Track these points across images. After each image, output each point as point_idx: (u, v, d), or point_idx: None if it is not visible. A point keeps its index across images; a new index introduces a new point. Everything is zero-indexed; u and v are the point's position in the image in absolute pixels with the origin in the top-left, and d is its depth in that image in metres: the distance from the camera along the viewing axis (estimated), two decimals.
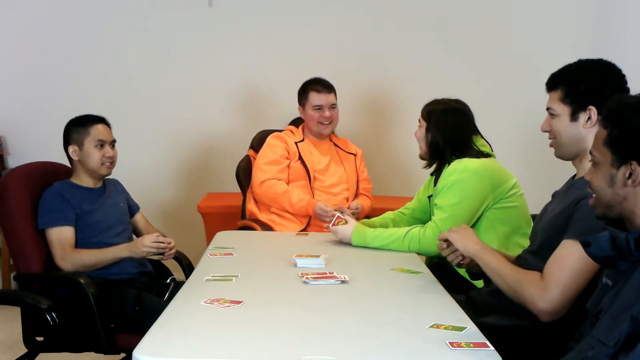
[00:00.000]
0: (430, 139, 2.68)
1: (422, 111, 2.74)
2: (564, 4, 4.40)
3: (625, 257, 1.39)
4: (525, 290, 1.84)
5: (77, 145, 2.68)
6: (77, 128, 2.70)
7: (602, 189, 1.51)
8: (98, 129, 2.70)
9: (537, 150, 3.64)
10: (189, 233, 4.21)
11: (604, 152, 1.50)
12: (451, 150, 2.65)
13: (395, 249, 2.57)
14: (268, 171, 3.24)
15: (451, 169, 2.59)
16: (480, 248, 2.03)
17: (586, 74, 1.94)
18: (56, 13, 4.32)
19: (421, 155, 2.76)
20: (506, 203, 2.58)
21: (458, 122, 2.68)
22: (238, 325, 1.69)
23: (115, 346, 2.40)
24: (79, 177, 2.72)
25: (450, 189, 2.55)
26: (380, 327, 1.70)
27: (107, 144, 2.71)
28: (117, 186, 2.90)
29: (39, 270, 2.54)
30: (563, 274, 1.78)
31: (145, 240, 2.60)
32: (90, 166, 2.69)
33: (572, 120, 1.94)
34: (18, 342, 2.58)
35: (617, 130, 1.47)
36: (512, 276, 1.90)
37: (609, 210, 1.51)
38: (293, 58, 4.35)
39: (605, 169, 1.50)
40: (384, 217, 2.95)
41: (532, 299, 1.82)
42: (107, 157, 2.70)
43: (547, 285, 1.80)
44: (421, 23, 4.40)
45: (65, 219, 2.59)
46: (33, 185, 2.63)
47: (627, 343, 1.28)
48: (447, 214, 2.53)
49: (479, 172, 2.55)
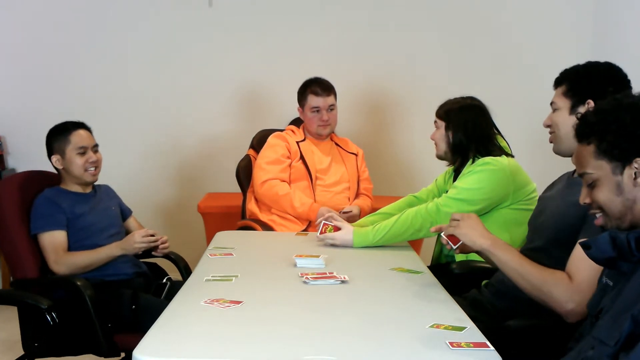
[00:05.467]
0: (452, 138, 2.65)
1: (438, 112, 2.72)
2: (563, 3, 4.40)
3: (627, 258, 1.38)
4: (554, 291, 1.78)
5: (59, 154, 2.67)
6: (57, 137, 2.68)
7: (611, 201, 1.46)
8: (78, 135, 2.68)
9: (537, 150, 3.63)
10: (189, 233, 4.21)
11: (599, 165, 1.46)
12: (475, 148, 2.62)
13: (400, 234, 2.54)
14: (269, 171, 3.23)
15: (480, 161, 2.56)
16: (492, 242, 1.92)
17: (591, 72, 1.98)
18: (56, 13, 4.32)
19: (440, 155, 2.73)
20: (525, 205, 2.55)
21: (477, 118, 2.66)
22: (238, 325, 1.68)
23: (114, 348, 2.40)
24: (68, 184, 2.73)
25: (474, 175, 2.53)
26: (380, 327, 1.70)
27: (90, 149, 2.69)
28: (109, 191, 2.90)
29: (35, 275, 2.55)
30: (592, 275, 1.72)
31: (135, 236, 2.60)
32: (75, 174, 2.68)
33: (571, 113, 1.96)
34: (18, 342, 2.57)
35: (608, 136, 1.44)
36: (535, 276, 1.82)
37: (622, 221, 1.46)
38: (293, 58, 4.34)
39: (608, 181, 1.46)
40: (391, 207, 2.90)
41: (561, 300, 1.77)
42: (91, 163, 2.68)
43: (577, 286, 1.76)
44: (422, 23, 4.40)
45: (56, 224, 2.59)
46: (25, 193, 2.64)
47: (628, 342, 1.28)
48: (460, 196, 2.51)
49: (506, 169, 2.53)
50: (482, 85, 4.31)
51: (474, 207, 2.48)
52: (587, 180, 1.51)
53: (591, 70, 1.99)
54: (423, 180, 3.95)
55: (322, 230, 2.65)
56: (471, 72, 4.38)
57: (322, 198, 3.23)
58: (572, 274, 1.79)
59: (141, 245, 2.59)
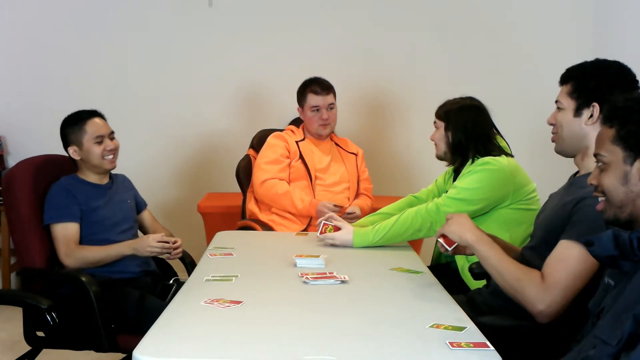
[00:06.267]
0: (451, 138, 2.65)
1: (437, 113, 2.72)
2: (563, 3, 4.40)
3: (628, 257, 1.38)
4: (525, 290, 1.82)
5: (76, 145, 2.67)
6: (72, 128, 2.67)
7: (615, 188, 1.47)
8: (94, 123, 2.67)
9: (537, 150, 3.64)
10: (189, 233, 4.19)
11: (613, 150, 1.47)
12: (475, 148, 2.62)
13: (400, 234, 2.55)
14: (269, 170, 3.24)
15: (480, 161, 2.56)
16: (476, 238, 1.95)
17: (598, 72, 1.91)
18: (56, 13, 4.32)
19: (439, 155, 2.73)
20: (524, 205, 2.55)
21: (477, 118, 2.66)
22: (238, 325, 1.68)
23: (115, 345, 2.40)
24: (85, 173, 2.71)
25: (474, 175, 2.53)
26: (380, 327, 1.70)
27: (107, 137, 2.68)
28: (125, 182, 2.89)
29: (42, 265, 2.54)
30: (564, 277, 1.77)
31: (150, 240, 2.59)
32: (93, 163, 2.67)
33: (576, 115, 1.93)
34: (18, 342, 2.59)
35: (630, 125, 1.43)
36: (511, 273, 1.86)
37: (621, 210, 1.47)
38: (293, 58, 4.34)
39: (618, 168, 1.46)
40: (391, 207, 2.90)
41: (532, 300, 1.80)
42: (109, 151, 2.68)
43: (548, 287, 1.78)
44: (422, 23, 4.39)
45: (70, 215, 2.58)
46: (41, 178, 2.62)
47: (629, 342, 1.28)
48: (460, 195, 2.51)
49: (506, 169, 2.53)
50: (482, 85, 4.31)
51: (473, 207, 2.48)
52: (598, 162, 1.52)
53: (599, 71, 1.91)
54: (423, 180, 3.95)
55: (322, 230, 2.65)
56: (471, 72, 4.37)
57: (322, 198, 3.23)
58: (546, 275, 1.81)
59: (154, 249, 2.58)
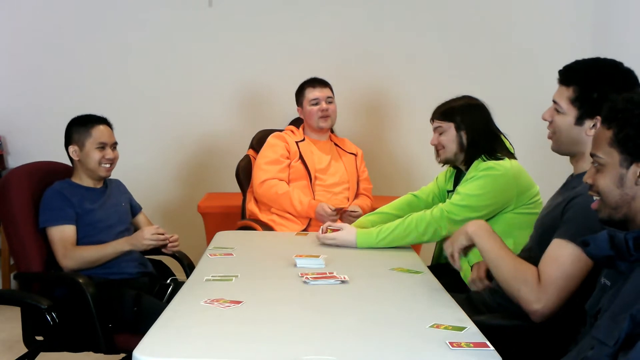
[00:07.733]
0: (466, 138, 2.57)
1: (438, 114, 2.62)
2: (563, 3, 4.40)
3: (624, 257, 1.38)
4: (521, 288, 1.80)
5: (77, 145, 2.68)
6: (78, 128, 2.69)
7: (610, 190, 1.46)
8: (100, 130, 2.69)
9: (536, 150, 3.63)
10: (189, 233, 4.20)
11: (609, 152, 1.46)
12: (485, 146, 2.56)
13: (403, 237, 2.54)
14: (269, 171, 3.24)
15: (484, 166, 2.52)
16: (477, 228, 1.94)
17: (601, 80, 1.85)
18: (56, 13, 4.32)
19: (448, 158, 2.64)
20: (528, 209, 2.53)
21: (484, 115, 2.62)
22: (238, 325, 1.68)
23: (113, 346, 2.40)
24: (79, 176, 2.72)
25: (477, 180, 2.50)
26: (380, 327, 1.70)
27: (108, 146, 2.70)
28: (120, 186, 2.90)
29: (39, 269, 2.54)
30: (558, 276, 1.76)
31: (145, 232, 2.61)
32: (90, 167, 2.68)
33: (577, 124, 1.89)
34: (18, 342, 2.58)
35: (628, 129, 1.42)
36: (510, 269, 1.84)
37: (616, 211, 1.47)
38: (293, 58, 4.35)
39: (613, 170, 1.46)
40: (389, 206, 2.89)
41: (527, 299, 1.79)
42: (107, 159, 2.69)
43: (543, 287, 1.77)
44: (421, 23, 4.40)
45: (66, 218, 2.59)
46: (35, 184, 2.63)
47: (627, 342, 1.28)
48: (464, 202, 2.49)
49: (509, 173, 2.50)
50: (482, 85, 4.31)
51: (478, 214, 2.46)
52: (594, 162, 1.51)
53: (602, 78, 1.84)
54: (423, 180, 3.93)
55: (324, 231, 2.66)
56: (471, 72, 4.37)
57: (322, 198, 3.23)
58: (541, 273, 1.80)
59: (150, 242, 2.60)
